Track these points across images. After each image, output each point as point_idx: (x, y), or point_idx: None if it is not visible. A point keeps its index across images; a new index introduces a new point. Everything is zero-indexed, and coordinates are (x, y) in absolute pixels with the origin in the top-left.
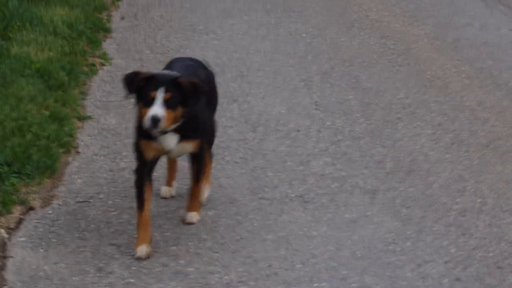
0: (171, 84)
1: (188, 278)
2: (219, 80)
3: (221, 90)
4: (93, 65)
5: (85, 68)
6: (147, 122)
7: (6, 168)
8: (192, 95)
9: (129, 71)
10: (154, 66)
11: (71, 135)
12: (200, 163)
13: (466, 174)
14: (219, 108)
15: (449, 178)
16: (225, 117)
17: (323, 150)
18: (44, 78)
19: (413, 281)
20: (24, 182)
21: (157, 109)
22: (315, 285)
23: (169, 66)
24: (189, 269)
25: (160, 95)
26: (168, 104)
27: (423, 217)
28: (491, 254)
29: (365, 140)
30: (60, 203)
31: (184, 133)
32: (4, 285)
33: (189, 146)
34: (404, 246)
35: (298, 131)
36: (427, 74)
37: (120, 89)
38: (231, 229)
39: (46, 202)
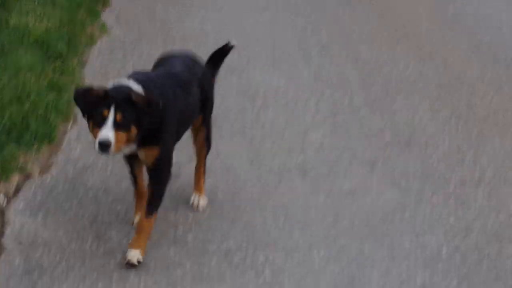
0: (123, 102)
1: (187, 246)
2: None
3: None
4: (92, 35)
5: (84, 39)
6: (96, 146)
7: (4, 136)
8: (146, 113)
9: (81, 87)
10: (153, 37)
11: (69, 104)
12: (157, 182)
13: (464, 146)
14: (217, 78)
15: (447, 150)
16: (224, 87)
17: (321, 121)
18: (43, 48)
19: (411, 250)
20: (22, 150)
21: (106, 132)
22: (314, 253)
23: (161, 63)
24: (188, 237)
25: (111, 115)
26: (120, 125)
27: (422, 188)
28: (489, 225)
29: (364, 112)
30: (59, 171)
31: (141, 140)
32: (3, 252)
33: (145, 154)
34: (403, 216)
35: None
36: (426, 48)
37: (118, 59)
38: (229, 197)
39: (45, 170)
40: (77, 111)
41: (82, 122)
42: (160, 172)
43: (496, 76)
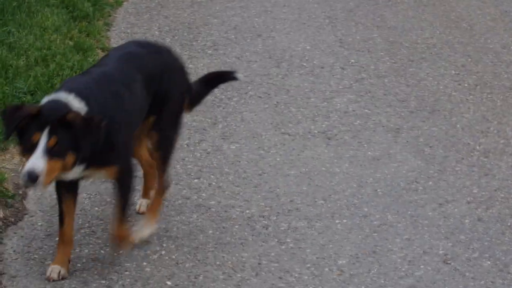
0: (58, 124)
1: (209, 211)
2: (243, 15)
3: (245, 25)
4: None
5: (110, 0)
6: (22, 177)
7: (29, 97)
8: (85, 136)
9: (12, 105)
10: None
11: None
12: (124, 194)
13: (489, 115)
14: (243, 42)
15: (472, 119)
16: (249, 51)
17: (347, 87)
18: (69, 8)
19: (434, 220)
20: None
21: (35, 161)
22: (337, 221)
23: (107, 56)
24: (211, 202)
25: (43, 140)
26: (54, 152)
27: (446, 157)
28: None
29: (389, 79)
30: None
31: (91, 159)
32: (26, 214)
33: (101, 174)
34: (426, 185)
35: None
36: (452, 15)
37: (144, 21)
38: (253, 163)
39: None
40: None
41: None
42: (123, 185)
43: None
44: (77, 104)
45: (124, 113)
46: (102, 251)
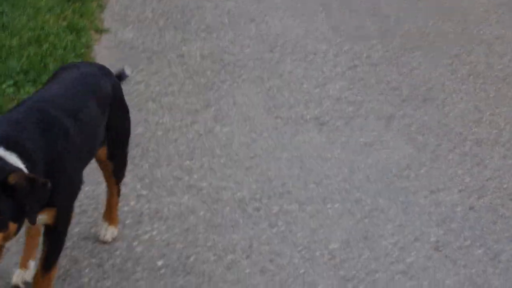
0: None
1: (200, 193)
2: (237, 0)
3: (239, 9)
4: None
5: None
6: None
7: (22, 77)
8: (31, 199)
9: None
10: None
11: (87, 47)
12: (55, 243)
13: (482, 105)
14: (236, 27)
15: (465, 108)
16: (242, 36)
17: (339, 74)
18: None
19: (425, 207)
20: None
21: None
22: (328, 205)
23: (54, 77)
24: (202, 183)
25: None
26: None
27: (438, 145)
28: (505, 186)
29: (382, 67)
30: None
31: None
32: None
33: (42, 218)
34: (418, 172)
35: None
36: (445, 5)
37: (138, 3)
38: (245, 146)
39: None
40: (96, 55)
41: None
42: (58, 232)
43: None
44: (12, 159)
45: (70, 148)
46: (92, 230)
